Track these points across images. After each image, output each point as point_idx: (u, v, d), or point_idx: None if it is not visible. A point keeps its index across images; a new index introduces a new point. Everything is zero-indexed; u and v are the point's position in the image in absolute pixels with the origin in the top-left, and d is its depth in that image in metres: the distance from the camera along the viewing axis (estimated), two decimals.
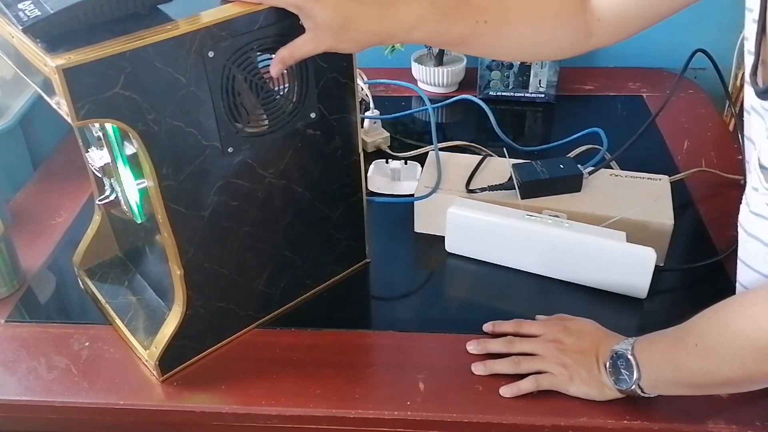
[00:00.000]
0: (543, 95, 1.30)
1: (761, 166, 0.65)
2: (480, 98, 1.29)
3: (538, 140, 1.21)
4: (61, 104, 0.61)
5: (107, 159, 0.77)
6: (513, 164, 0.98)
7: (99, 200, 0.84)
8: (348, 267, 0.93)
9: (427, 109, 1.21)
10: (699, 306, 0.68)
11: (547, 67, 1.26)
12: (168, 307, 0.84)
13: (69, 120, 0.61)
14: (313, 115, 0.77)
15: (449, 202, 0.93)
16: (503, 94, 1.31)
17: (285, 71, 0.72)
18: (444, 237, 0.96)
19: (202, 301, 0.78)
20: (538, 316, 0.84)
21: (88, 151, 0.80)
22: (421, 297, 0.92)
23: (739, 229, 0.72)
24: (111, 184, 0.80)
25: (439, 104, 1.30)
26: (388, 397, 0.77)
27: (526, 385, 0.76)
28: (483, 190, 0.96)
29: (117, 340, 0.85)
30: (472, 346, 0.81)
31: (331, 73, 0.77)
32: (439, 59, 1.32)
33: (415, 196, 0.97)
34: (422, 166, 1.04)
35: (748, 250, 0.70)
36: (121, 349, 0.84)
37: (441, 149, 1.06)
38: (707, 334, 0.66)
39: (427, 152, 1.06)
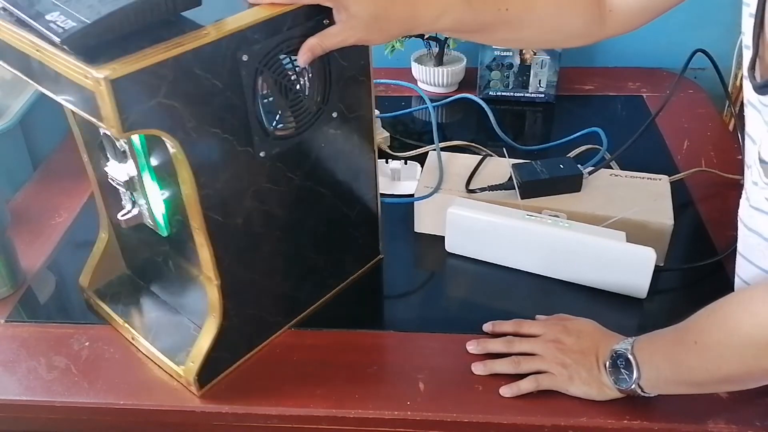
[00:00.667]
0: (543, 95, 1.30)
1: (761, 161, 0.65)
2: (480, 98, 1.29)
3: (537, 140, 1.22)
4: (104, 117, 0.58)
5: (133, 172, 0.75)
6: (513, 164, 0.98)
7: (121, 215, 0.80)
8: (364, 264, 0.93)
9: (428, 107, 1.21)
10: (699, 306, 0.67)
11: (547, 67, 1.26)
12: (190, 319, 0.84)
13: (113, 133, 0.59)
14: (334, 115, 0.77)
15: (449, 202, 0.93)
16: (503, 93, 1.31)
17: (310, 72, 0.72)
18: (444, 237, 0.96)
19: (236, 311, 0.77)
20: (538, 316, 0.84)
21: (106, 166, 0.78)
22: (421, 297, 0.92)
23: (739, 224, 0.72)
24: (132, 198, 0.78)
25: (439, 104, 1.30)
26: (388, 397, 0.77)
27: (526, 385, 0.76)
28: (483, 190, 0.96)
29: (117, 340, 0.85)
30: (472, 346, 0.81)
31: (350, 71, 0.77)
32: (439, 59, 1.32)
33: (415, 196, 0.97)
34: (422, 166, 1.04)
35: (748, 245, 0.71)
36: (121, 349, 0.84)
37: (441, 149, 1.06)
38: (707, 331, 0.66)
39: (427, 152, 1.06)
